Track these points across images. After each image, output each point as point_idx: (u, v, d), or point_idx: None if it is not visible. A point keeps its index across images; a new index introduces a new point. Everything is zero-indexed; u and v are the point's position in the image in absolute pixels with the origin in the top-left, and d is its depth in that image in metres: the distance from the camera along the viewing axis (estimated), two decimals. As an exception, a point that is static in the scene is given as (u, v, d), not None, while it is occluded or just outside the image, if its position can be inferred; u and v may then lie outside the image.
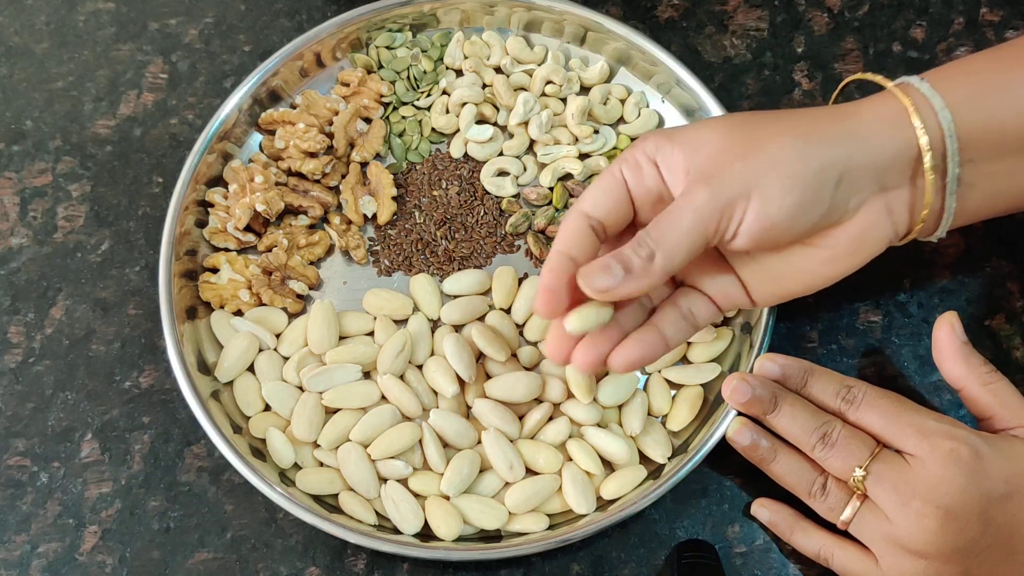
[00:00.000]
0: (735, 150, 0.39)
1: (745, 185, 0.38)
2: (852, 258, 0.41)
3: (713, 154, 0.39)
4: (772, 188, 0.38)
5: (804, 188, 0.39)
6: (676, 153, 0.40)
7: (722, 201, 0.38)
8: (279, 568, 0.47)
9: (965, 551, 0.40)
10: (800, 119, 0.41)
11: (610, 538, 0.47)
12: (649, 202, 0.42)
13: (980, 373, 0.43)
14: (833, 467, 0.42)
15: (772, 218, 0.39)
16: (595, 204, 0.41)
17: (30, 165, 0.55)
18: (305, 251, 0.52)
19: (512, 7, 0.55)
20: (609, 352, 0.41)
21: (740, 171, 0.39)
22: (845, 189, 0.39)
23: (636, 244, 0.39)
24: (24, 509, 0.48)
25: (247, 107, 0.53)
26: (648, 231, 0.39)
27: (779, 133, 0.40)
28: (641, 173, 0.41)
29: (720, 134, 0.40)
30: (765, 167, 0.39)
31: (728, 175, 0.39)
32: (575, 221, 0.41)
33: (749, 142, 0.39)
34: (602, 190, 0.41)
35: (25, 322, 0.52)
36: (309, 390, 0.48)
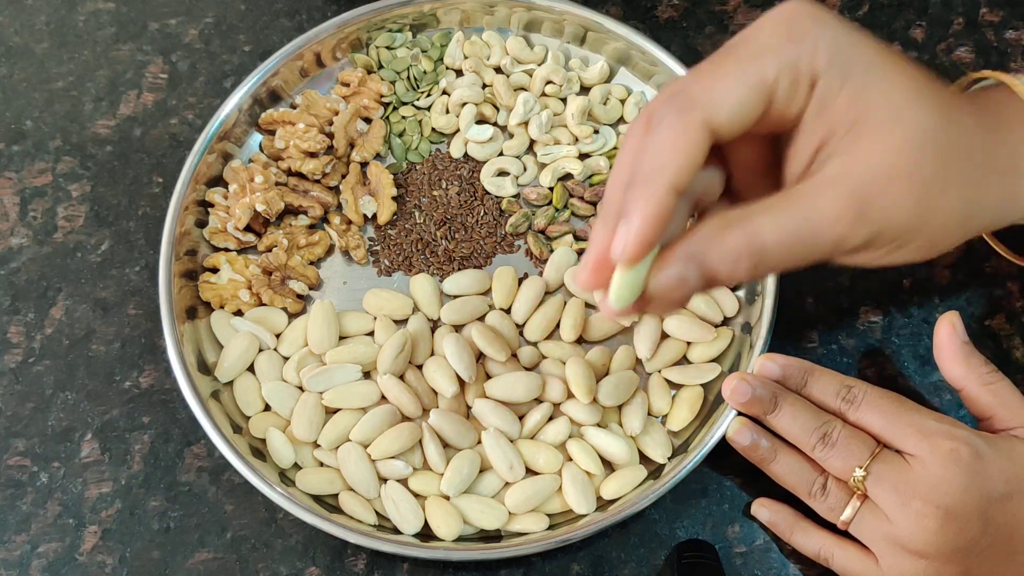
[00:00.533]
0: (915, 184, 0.31)
1: (900, 236, 0.32)
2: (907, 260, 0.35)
3: (890, 176, 0.30)
4: (911, 244, 0.32)
5: (940, 245, 0.33)
6: (842, 102, 0.31)
7: (868, 245, 0.32)
8: (279, 568, 0.47)
9: (965, 551, 0.40)
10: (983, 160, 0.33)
11: (610, 538, 0.47)
12: (771, 128, 0.32)
13: (981, 373, 0.43)
14: (833, 467, 0.42)
15: (875, 262, 0.33)
16: (730, 117, 0.30)
17: (30, 165, 0.55)
18: (305, 251, 0.52)
19: (512, 7, 0.55)
20: None
21: (907, 219, 0.31)
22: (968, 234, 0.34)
23: (739, 254, 0.30)
24: (24, 509, 0.48)
25: (247, 107, 0.53)
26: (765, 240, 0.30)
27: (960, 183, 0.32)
28: (795, 93, 0.31)
29: (906, 142, 0.31)
30: (926, 223, 0.32)
31: (894, 219, 0.31)
32: (697, 137, 0.30)
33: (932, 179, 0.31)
34: (744, 97, 0.30)
35: (25, 322, 0.52)
36: (309, 390, 0.48)
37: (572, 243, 0.52)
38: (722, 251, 0.30)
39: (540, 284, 0.51)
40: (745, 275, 0.30)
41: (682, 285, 0.30)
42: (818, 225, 0.30)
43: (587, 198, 0.53)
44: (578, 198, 0.53)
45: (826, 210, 0.30)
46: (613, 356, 0.49)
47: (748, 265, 0.30)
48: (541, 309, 0.50)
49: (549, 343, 0.50)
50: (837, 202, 0.30)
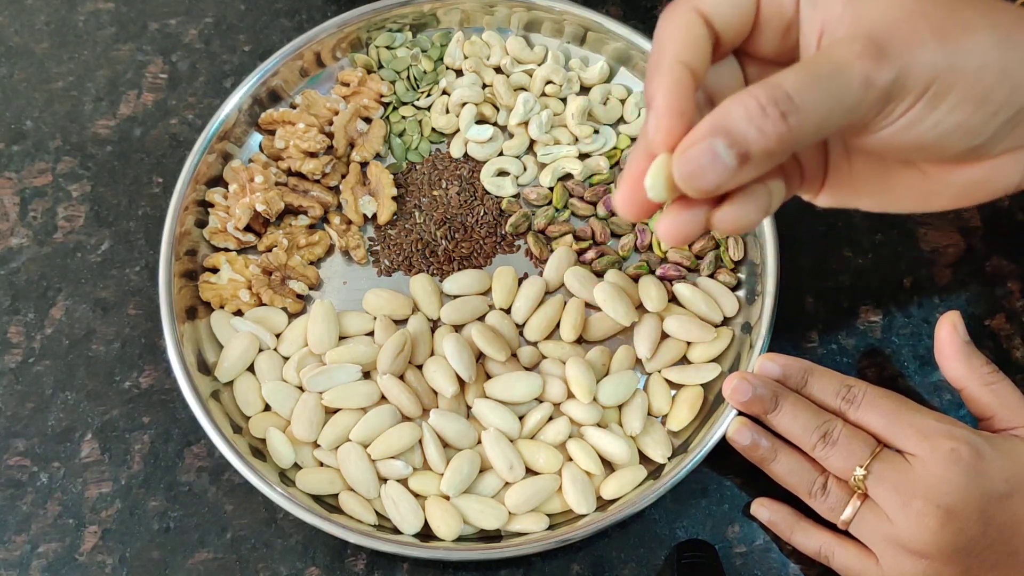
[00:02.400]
0: (929, 22, 0.29)
1: (931, 77, 0.29)
2: (954, 200, 0.34)
3: (899, 18, 0.29)
4: (950, 95, 0.30)
5: (978, 109, 0.30)
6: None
7: (901, 87, 0.29)
8: (279, 568, 0.47)
9: (966, 551, 0.40)
10: (1005, 11, 0.31)
11: (610, 538, 0.47)
12: (774, 28, 0.32)
13: (982, 373, 0.43)
14: (834, 467, 0.42)
15: (922, 133, 0.30)
16: (716, 4, 0.31)
17: (30, 165, 0.55)
18: (305, 251, 0.52)
19: (512, 7, 0.55)
20: (704, 219, 0.31)
21: (932, 56, 0.29)
22: (1012, 126, 0.31)
23: (762, 106, 0.28)
24: (24, 509, 0.48)
25: (247, 107, 0.53)
26: (791, 89, 0.28)
27: (984, 24, 0.30)
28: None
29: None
30: (959, 63, 0.29)
31: (918, 55, 0.29)
32: (690, 20, 0.31)
33: (948, 19, 0.30)
34: None
35: (25, 322, 0.52)
36: (309, 390, 0.48)
37: (572, 243, 0.52)
38: (746, 107, 0.28)
39: (540, 284, 0.51)
40: (776, 130, 0.28)
41: (712, 158, 0.28)
42: (840, 64, 0.28)
43: (587, 198, 0.53)
44: (578, 198, 0.53)
45: (846, 52, 0.28)
46: (613, 356, 0.49)
47: (776, 117, 0.28)
48: (541, 309, 0.50)
49: (549, 343, 0.50)
50: (855, 44, 0.29)
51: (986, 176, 0.33)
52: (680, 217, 0.30)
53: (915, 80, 0.29)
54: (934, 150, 0.31)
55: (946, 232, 0.53)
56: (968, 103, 0.30)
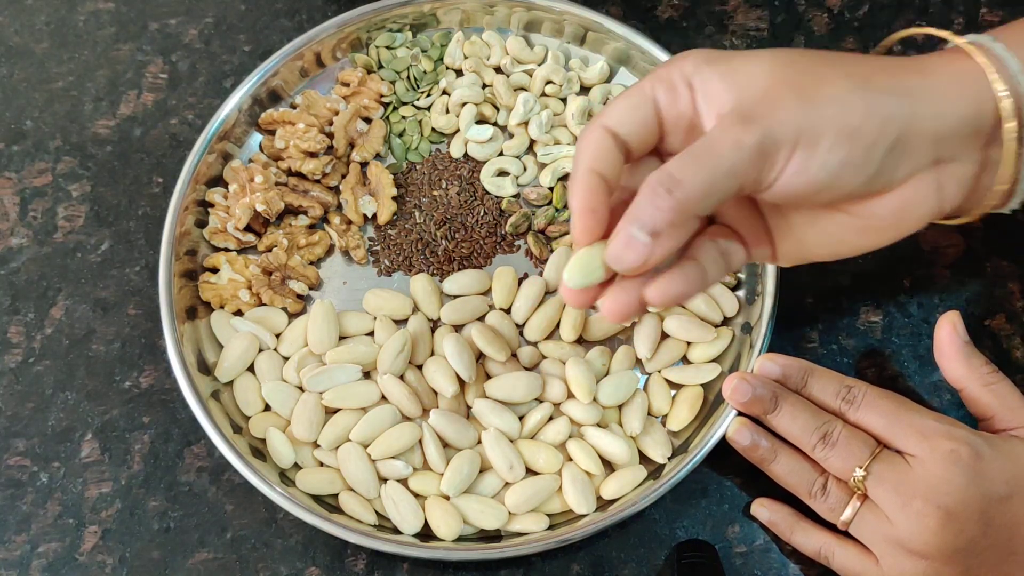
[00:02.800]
0: (789, 87, 0.34)
1: (796, 130, 0.34)
2: (888, 232, 0.38)
3: (764, 88, 0.34)
4: (822, 139, 0.34)
5: (855, 145, 0.34)
6: (716, 81, 0.36)
7: (769, 145, 0.34)
8: (279, 568, 0.47)
9: (965, 551, 0.40)
10: (861, 64, 0.36)
11: (610, 538, 0.47)
12: (679, 129, 0.37)
13: (981, 373, 0.43)
14: (833, 467, 0.42)
15: (813, 175, 0.34)
16: (620, 121, 0.36)
17: (30, 165, 0.55)
18: (305, 251, 0.52)
19: (512, 7, 0.55)
20: (639, 295, 0.36)
21: (793, 113, 0.34)
22: (897, 155, 0.35)
23: (653, 189, 0.33)
24: (24, 509, 0.48)
25: (247, 107, 0.53)
26: (673, 170, 0.33)
27: (840, 76, 0.35)
28: (675, 94, 0.36)
29: (771, 67, 0.35)
30: (820, 113, 0.34)
31: (780, 115, 0.34)
32: (599, 136, 0.36)
33: (805, 80, 0.35)
34: (629, 107, 0.37)
35: (25, 322, 0.52)
36: (309, 390, 0.48)
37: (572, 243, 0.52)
38: (644, 194, 0.33)
39: (540, 284, 0.51)
40: (668, 205, 0.33)
41: (629, 242, 0.33)
42: (712, 140, 0.34)
43: (587, 198, 0.53)
44: (578, 198, 0.53)
45: (719, 127, 0.34)
46: (613, 356, 0.49)
47: (664, 192, 0.33)
48: (541, 309, 0.50)
49: (549, 343, 0.50)
50: (726, 120, 0.34)
51: (905, 204, 0.37)
52: (617, 297, 0.36)
53: (783, 135, 0.34)
54: (836, 188, 0.35)
55: (946, 232, 0.53)
56: (843, 142, 0.34)
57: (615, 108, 0.37)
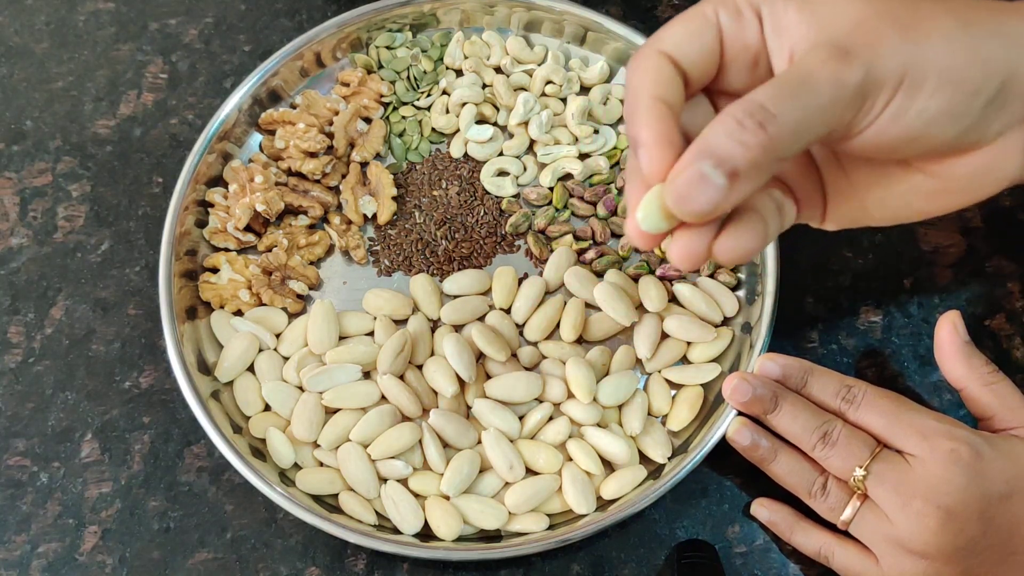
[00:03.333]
0: (888, 19, 0.31)
1: (900, 69, 0.30)
2: (961, 196, 0.34)
3: (857, 20, 0.31)
4: (926, 82, 0.30)
5: (957, 91, 0.31)
6: (792, 11, 0.32)
7: (870, 84, 0.30)
8: (279, 568, 0.47)
9: (965, 551, 0.40)
10: (962, 1, 0.32)
11: (610, 538, 0.47)
12: (742, 64, 0.33)
13: (982, 373, 0.43)
14: (833, 467, 0.42)
15: (909, 123, 0.31)
16: (679, 47, 0.32)
17: (30, 165, 0.55)
18: (305, 251, 0.52)
19: (512, 7, 0.55)
20: (710, 241, 0.31)
21: (897, 49, 0.30)
22: (996, 107, 0.32)
23: (740, 121, 0.29)
24: (24, 509, 0.48)
25: (247, 107, 0.53)
26: (764, 100, 0.29)
27: (943, 13, 0.31)
28: (742, 22, 0.33)
29: (874, 2, 0.31)
30: (924, 52, 0.30)
31: (883, 50, 0.30)
32: (658, 62, 0.32)
33: (906, 14, 0.31)
34: (689, 32, 0.33)
35: (25, 322, 0.52)
36: (309, 390, 0.48)
37: (572, 243, 0.52)
38: (725, 125, 0.29)
39: (540, 284, 0.51)
40: (757, 141, 0.28)
41: (701, 180, 0.29)
42: (810, 71, 0.29)
43: (587, 198, 0.53)
44: (578, 198, 0.53)
45: (814, 60, 0.30)
46: (613, 356, 0.49)
47: (754, 128, 0.28)
48: (541, 309, 0.50)
49: (549, 343, 0.50)
50: (821, 52, 0.30)
51: (988, 164, 0.33)
52: (686, 243, 0.31)
53: (886, 74, 0.30)
54: (926, 141, 0.32)
55: (946, 232, 0.53)
56: (946, 87, 0.31)
57: (672, 32, 0.33)
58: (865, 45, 0.30)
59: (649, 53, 0.32)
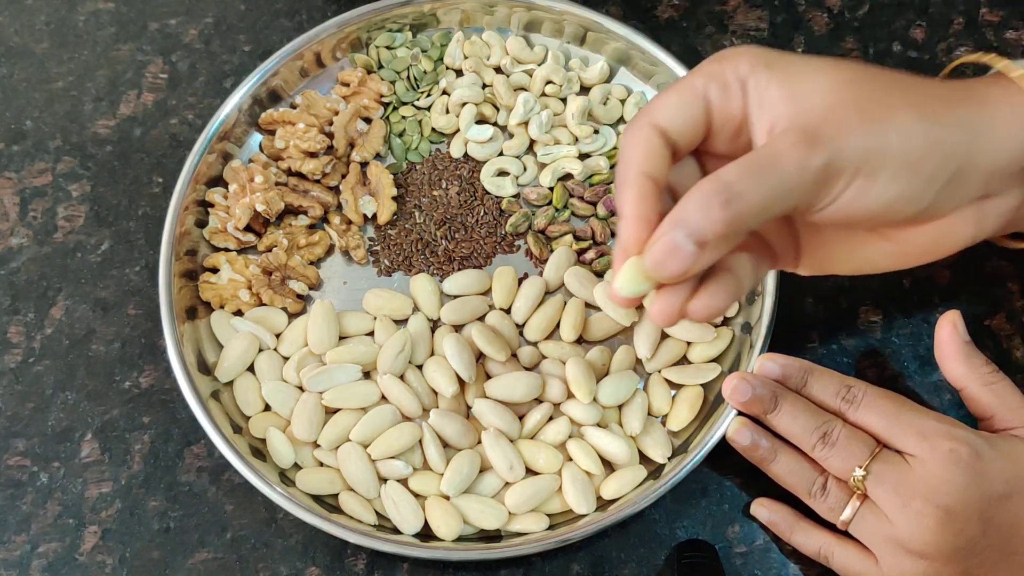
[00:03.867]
0: (855, 109, 0.33)
1: (861, 157, 0.33)
2: (919, 258, 0.38)
3: (829, 106, 0.33)
4: (885, 169, 0.33)
5: (915, 178, 0.34)
6: (774, 88, 0.34)
7: (832, 169, 0.32)
8: (279, 568, 0.47)
9: (965, 551, 0.40)
10: (924, 90, 0.35)
11: (610, 538, 0.47)
12: (726, 131, 0.36)
13: (982, 373, 0.43)
14: (833, 467, 0.42)
15: (868, 204, 0.34)
16: (671, 119, 0.35)
17: (30, 165, 0.55)
18: (305, 251, 0.52)
19: (512, 7, 0.55)
20: (685, 301, 0.35)
21: (860, 139, 0.33)
22: (951, 189, 0.35)
23: (707, 198, 0.32)
24: (24, 509, 0.48)
25: (247, 107, 0.53)
26: (732, 181, 0.32)
27: (905, 105, 0.34)
28: (728, 95, 0.35)
29: (834, 83, 0.34)
30: (885, 142, 0.33)
31: (847, 139, 0.33)
32: (649, 135, 0.35)
33: (871, 105, 0.33)
34: (679, 103, 0.35)
35: (25, 322, 0.52)
36: (309, 390, 0.48)
37: (572, 243, 0.52)
38: (696, 198, 0.32)
39: (540, 284, 0.51)
40: (721, 217, 0.32)
41: (673, 250, 0.32)
42: (777, 153, 0.32)
43: (587, 198, 0.53)
44: (578, 198, 0.53)
45: (782, 143, 0.32)
46: (613, 356, 0.49)
47: (719, 203, 0.31)
48: (541, 309, 0.50)
49: (549, 343, 0.50)
50: (791, 136, 0.33)
51: (944, 233, 0.37)
52: (663, 304, 0.34)
53: (847, 161, 0.33)
54: (884, 217, 0.35)
55: (946, 232, 0.53)
56: (903, 174, 0.33)
57: (664, 105, 0.35)
58: (831, 133, 0.33)
59: (641, 125, 0.35)
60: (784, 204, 0.33)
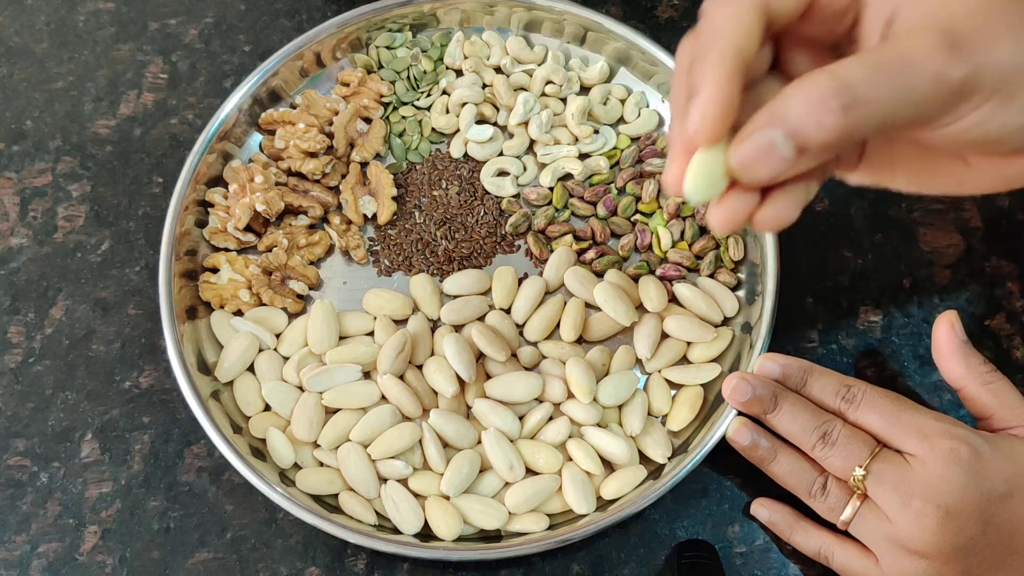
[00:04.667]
0: (1003, 18, 0.28)
1: (1003, 77, 0.28)
2: (996, 186, 0.33)
3: (976, 10, 0.28)
4: (1020, 95, 0.29)
5: None
6: None
7: (973, 85, 0.28)
8: (279, 568, 0.47)
9: (965, 550, 0.40)
10: None
11: (610, 538, 0.47)
12: (833, 11, 0.31)
13: (980, 372, 0.43)
14: (833, 467, 0.42)
15: (988, 131, 0.29)
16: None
17: (30, 165, 0.55)
18: (305, 251, 0.52)
19: (512, 7, 0.55)
20: (754, 208, 0.31)
21: (1008, 55, 0.28)
22: None
23: (823, 98, 0.27)
24: (24, 509, 0.48)
25: (247, 107, 0.53)
26: (855, 82, 0.27)
27: None
28: None
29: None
30: None
31: (994, 53, 0.28)
32: (750, 7, 0.30)
33: (1019, 15, 0.29)
34: None
35: (25, 322, 0.52)
36: (309, 390, 0.48)
37: (572, 243, 0.52)
38: (807, 96, 0.27)
39: (540, 284, 0.51)
40: (836, 124, 0.27)
41: (768, 151, 0.28)
42: (911, 58, 0.27)
43: (587, 198, 0.53)
44: (578, 198, 0.53)
45: (918, 46, 0.27)
46: (613, 356, 0.49)
47: (837, 107, 0.27)
48: (541, 309, 0.50)
49: (549, 343, 0.50)
50: (928, 38, 0.28)
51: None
52: (730, 209, 0.30)
53: (988, 79, 0.28)
54: (994, 147, 0.30)
55: (946, 232, 0.53)
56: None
57: None
58: (976, 41, 0.28)
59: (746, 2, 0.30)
60: (909, 118, 0.28)
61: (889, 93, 0.27)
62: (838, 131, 0.27)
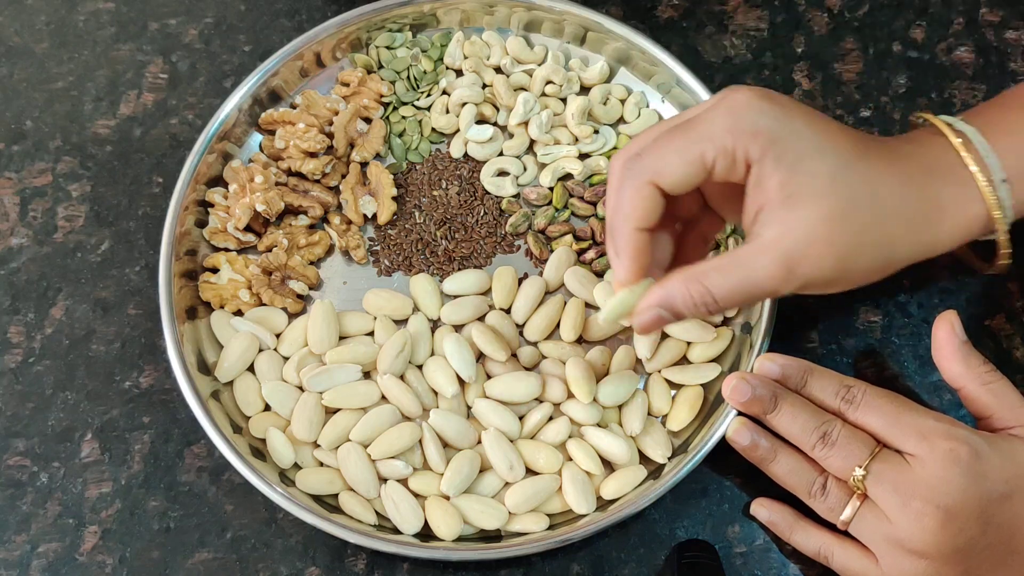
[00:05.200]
0: (833, 249, 0.39)
1: (828, 286, 0.40)
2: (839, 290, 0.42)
3: (815, 238, 0.38)
4: (844, 285, 0.41)
5: (868, 281, 0.41)
6: (775, 183, 0.38)
7: (803, 288, 0.39)
8: (279, 568, 0.47)
9: (965, 551, 0.40)
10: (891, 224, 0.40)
11: (610, 538, 0.47)
12: (717, 192, 0.42)
13: (979, 373, 0.43)
14: (833, 467, 0.42)
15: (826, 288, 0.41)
16: (673, 182, 0.39)
17: (30, 165, 0.55)
18: (305, 251, 0.52)
19: (512, 7, 0.55)
20: None
21: (830, 274, 0.39)
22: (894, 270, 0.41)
23: (695, 302, 0.39)
24: (24, 509, 0.48)
25: (247, 107, 0.53)
26: (717, 295, 0.39)
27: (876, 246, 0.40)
28: (732, 170, 0.39)
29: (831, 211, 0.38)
30: (850, 279, 0.40)
31: (818, 275, 0.39)
32: (650, 194, 0.40)
33: (851, 247, 0.39)
34: (684, 166, 0.39)
35: (25, 322, 0.52)
36: (309, 390, 0.48)
37: (572, 243, 0.52)
38: (685, 299, 0.39)
39: (540, 284, 0.51)
40: (703, 315, 0.40)
41: (658, 321, 0.41)
42: (755, 282, 0.39)
43: (587, 198, 0.53)
44: (578, 198, 0.53)
45: (761, 271, 0.38)
46: (613, 356, 0.49)
47: (704, 309, 0.40)
48: (541, 309, 0.50)
49: (549, 343, 0.50)
50: (770, 266, 0.38)
51: None
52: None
53: (812, 287, 0.39)
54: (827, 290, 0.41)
55: (946, 232, 0.53)
56: (850, 287, 0.41)
57: (668, 165, 0.39)
58: (807, 268, 0.38)
59: (643, 184, 0.39)
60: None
61: (740, 299, 0.39)
62: (702, 314, 0.40)
